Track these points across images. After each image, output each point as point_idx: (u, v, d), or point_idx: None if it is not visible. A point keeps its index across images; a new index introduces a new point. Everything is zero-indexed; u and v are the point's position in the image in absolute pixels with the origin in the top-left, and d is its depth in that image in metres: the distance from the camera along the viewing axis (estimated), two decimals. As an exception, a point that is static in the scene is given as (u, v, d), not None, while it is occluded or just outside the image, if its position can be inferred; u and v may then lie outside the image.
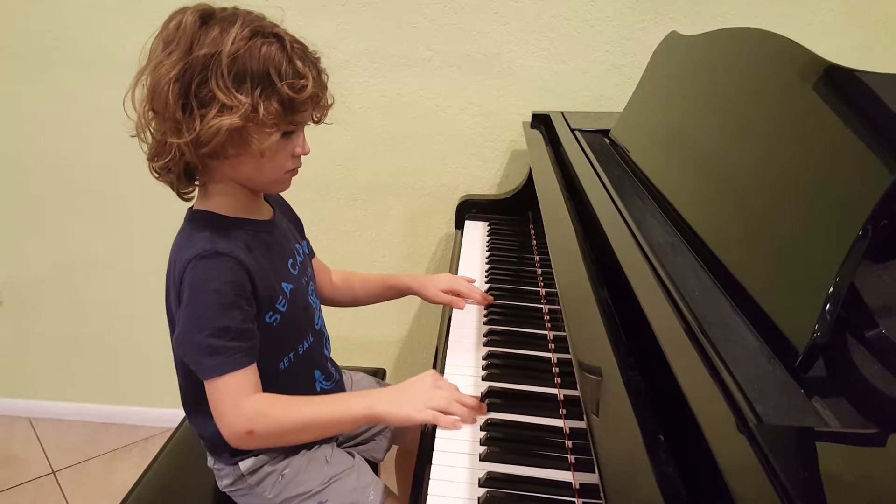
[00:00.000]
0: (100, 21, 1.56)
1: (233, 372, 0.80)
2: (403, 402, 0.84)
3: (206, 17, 0.77)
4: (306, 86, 0.79)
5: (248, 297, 0.82)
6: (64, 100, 1.66)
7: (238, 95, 0.75)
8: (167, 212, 0.92)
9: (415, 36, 1.52)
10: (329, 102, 0.87)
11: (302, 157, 0.87)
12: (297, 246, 0.99)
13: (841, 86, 0.69)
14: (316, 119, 0.86)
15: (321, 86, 0.83)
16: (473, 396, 0.88)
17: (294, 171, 0.88)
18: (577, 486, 0.74)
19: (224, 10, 0.79)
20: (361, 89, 1.58)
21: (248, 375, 0.82)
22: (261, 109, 0.76)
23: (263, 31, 0.77)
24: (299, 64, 0.79)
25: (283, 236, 0.95)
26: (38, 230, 1.84)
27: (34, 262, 1.89)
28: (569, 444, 0.81)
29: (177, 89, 0.75)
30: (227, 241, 0.82)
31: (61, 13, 1.56)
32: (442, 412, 0.83)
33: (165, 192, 0.86)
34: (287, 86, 0.77)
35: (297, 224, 1.07)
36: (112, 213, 1.79)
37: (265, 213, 0.94)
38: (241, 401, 0.81)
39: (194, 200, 0.89)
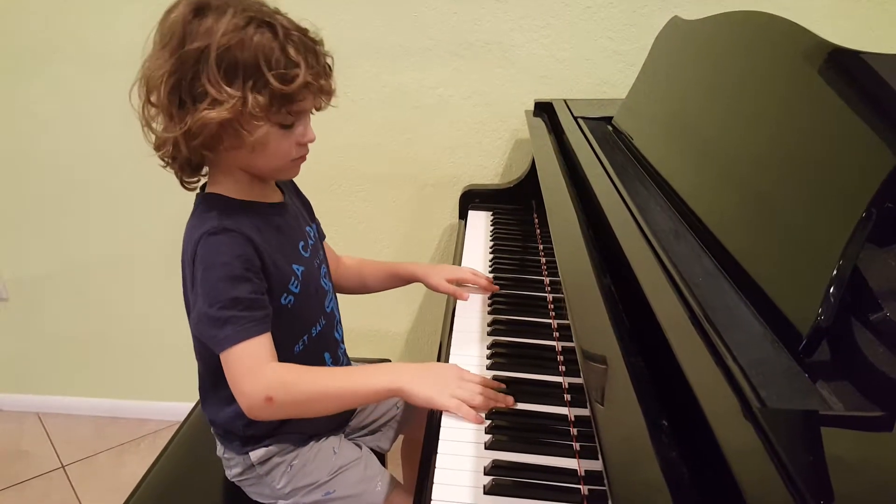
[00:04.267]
0: (100, 17, 1.55)
1: (246, 340, 0.79)
2: (429, 382, 0.83)
3: (200, 8, 0.76)
4: (297, 75, 0.77)
5: (256, 272, 0.83)
6: (67, 97, 1.66)
7: (228, 89, 0.74)
8: (171, 207, 0.93)
9: (415, 25, 1.51)
10: (332, 88, 0.85)
11: (308, 144, 0.87)
12: (308, 228, 0.99)
13: (845, 68, 0.69)
14: (318, 107, 0.85)
15: (317, 73, 0.80)
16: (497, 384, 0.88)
17: (301, 159, 0.88)
18: (583, 474, 0.74)
19: None
20: (362, 80, 1.57)
21: (262, 343, 0.81)
22: (250, 102, 0.75)
23: (258, 18, 0.76)
24: (292, 51, 0.77)
25: (293, 219, 0.95)
26: (43, 227, 1.84)
27: (40, 259, 1.89)
28: (574, 431, 0.81)
29: (170, 84, 0.75)
30: (235, 220, 0.82)
31: (61, 9, 1.56)
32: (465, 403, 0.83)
33: (169, 187, 0.86)
34: (277, 77, 0.75)
35: (307, 205, 1.06)
36: (117, 209, 1.80)
37: (275, 196, 0.94)
38: (257, 369, 0.80)
39: (204, 187, 0.89)
